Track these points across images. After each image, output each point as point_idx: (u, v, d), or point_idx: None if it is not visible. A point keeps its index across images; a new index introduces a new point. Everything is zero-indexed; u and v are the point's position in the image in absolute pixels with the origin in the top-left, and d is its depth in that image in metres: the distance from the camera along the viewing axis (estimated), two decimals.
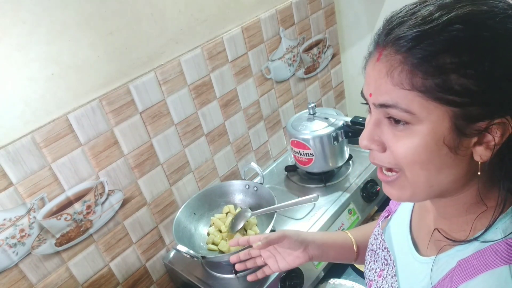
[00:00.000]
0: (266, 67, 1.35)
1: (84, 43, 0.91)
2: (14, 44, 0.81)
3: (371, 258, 0.71)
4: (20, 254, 0.89)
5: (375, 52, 0.48)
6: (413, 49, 0.43)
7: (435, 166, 0.47)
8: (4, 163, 0.83)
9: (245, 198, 1.20)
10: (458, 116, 0.43)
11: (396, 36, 0.44)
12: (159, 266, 1.19)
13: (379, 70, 0.46)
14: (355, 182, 1.24)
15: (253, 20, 1.26)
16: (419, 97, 0.43)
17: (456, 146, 0.45)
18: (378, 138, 0.50)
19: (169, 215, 1.18)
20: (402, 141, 0.47)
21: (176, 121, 1.13)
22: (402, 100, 0.44)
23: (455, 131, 0.44)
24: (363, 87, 0.51)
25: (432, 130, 0.44)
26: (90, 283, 1.03)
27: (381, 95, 0.47)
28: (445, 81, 0.42)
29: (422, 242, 0.61)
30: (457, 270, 0.49)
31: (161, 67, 1.06)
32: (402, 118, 0.46)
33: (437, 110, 0.43)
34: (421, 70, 0.43)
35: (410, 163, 0.47)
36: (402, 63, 0.44)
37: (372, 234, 0.74)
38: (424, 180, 0.48)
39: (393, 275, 0.62)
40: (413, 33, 0.43)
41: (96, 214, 1.00)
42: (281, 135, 1.50)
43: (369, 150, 0.52)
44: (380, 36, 0.47)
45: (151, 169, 1.10)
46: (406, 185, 0.50)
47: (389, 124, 0.48)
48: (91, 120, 0.95)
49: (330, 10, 1.53)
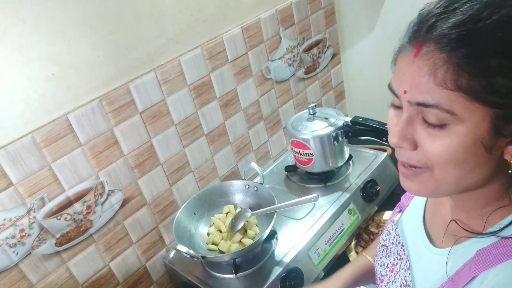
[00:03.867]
0: (266, 67, 1.35)
1: (84, 43, 0.91)
2: (14, 44, 0.81)
3: (383, 254, 0.71)
4: (20, 254, 0.89)
5: (411, 47, 0.46)
6: (459, 49, 0.42)
7: (469, 166, 0.46)
8: (4, 163, 0.83)
9: (245, 198, 1.20)
10: (498, 117, 0.43)
11: (441, 34, 0.43)
12: (159, 266, 1.19)
13: (418, 67, 0.45)
14: (355, 182, 1.24)
15: (253, 20, 1.26)
16: (462, 98, 0.43)
17: (492, 146, 0.45)
18: (410, 136, 0.49)
19: (169, 215, 1.18)
20: (439, 141, 0.46)
21: (176, 121, 1.13)
22: (444, 100, 0.43)
23: (493, 131, 0.44)
24: (392, 81, 0.50)
25: (472, 131, 0.44)
26: (90, 283, 1.03)
27: (420, 94, 0.45)
28: (491, 83, 0.41)
29: (436, 235, 0.61)
30: (475, 259, 0.49)
31: (161, 67, 1.06)
32: (443, 119, 0.45)
33: (479, 111, 0.43)
34: (467, 71, 0.42)
35: (445, 163, 0.47)
36: (447, 62, 0.42)
37: (385, 229, 0.74)
38: (454, 179, 0.48)
39: (407, 269, 0.62)
40: (459, 32, 0.42)
41: (96, 214, 1.00)
42: (281, 135, 1.50)
43: (400, 148, 0.51)
44: (419, 31, 0.45)
45: (151, 169, 1.10)
46: (429, 181, 0.50)
47: (423, 123, 0.47)
48: (91, 120, 0.95)
49: (330, 10, 1.53)
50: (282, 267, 1.01)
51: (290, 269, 1.02)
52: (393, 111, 0.52)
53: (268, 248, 1.08)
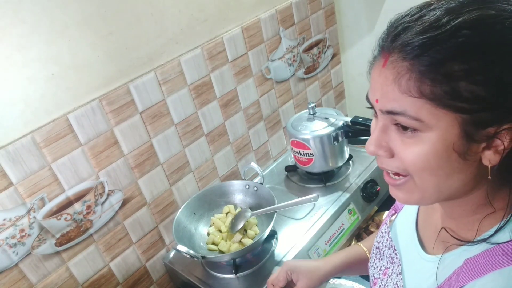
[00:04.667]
0: (266, 67, 1.35)
1: (84, 43, 0.91)
2: (14, 44, 0.81)
3: (376, 256, 0.71)
4: (20, 254, 0.89)
5: (380, 57, 0.47)
6: (421, 56, 0.42)
7: (444, 172, 0.46)
8: (4, 163, 0.83)
9: (245, 198, 1.20)
10: (467, 122, 0.43)
11: (403, 43, 0.44)
12: (159, 266, 1.19)
13: (385, 76, 0.46)
14: (355, 182, 1.24)
15: (253, 20, 1.26)
16: (428, 105, 0.43)
17: (465, 152, 0.45)
18: (385, 144, 0.49)
19: (169, 215, 1.18)
20: (411, 148, 0.46)
21: (176, 121, 1.13)
22: (410, 107, 0.44)
23: (464, 137, 0.44)
24: (368, 91, 0.51)
25: (442, 137, 0.44)
26: (90, 283, 1.03)
27: (388, 102, 0.46)
28: (454, 88, 0.42)
29: (428, 241, 0.61)
30: (463, 268, 0.49)
31: (161, 67, 1.06)
32: (411, 125, 0.45)
33: (446, 117, 0.43)
34: (429, 78, 0.42)
35: (419, 170, 0.47)
36: (410, 70, 0.43)
37: (379, 231, 0.73)
38: (433, 186, 0.48)
39: (398, 273, 0.62)
40: (420, 40, 0.42)
41: (96, 214, 1.00)
42: (281, 135, 1.50)
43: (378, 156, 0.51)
44: (386, 41, 0.47)
45: (151, 169, 1.10)
46: (414, 189, 0.50)
47: (396, 131, 0.48)
48: (91, 120, 0.95)
49: (330, 10, 1.53)
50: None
51: None
52: (374, 120, 0.53)
53: (268, 248, 1.08)
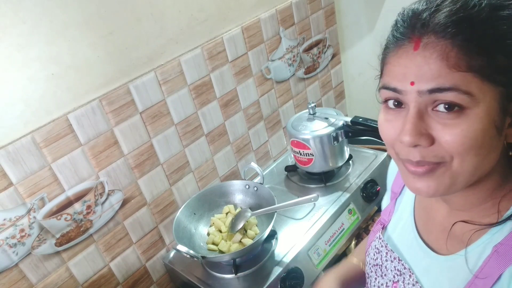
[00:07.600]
0: (266, 67, 1.35)
1: (84, 43, 0.91)
2: (14, 44, 0.81)
3: (377, 274, 0.68)
4: (20, 254, 0.89)
5: (406, 43, 0.46)
6: (462, 33, 0.43)
7: (486, 150, 0.46)
8: (4, 163, 0.83)
9: (245, 198, 1.20)
10: (504, 96, 0.44)
11: (438, 24, 0.44)
12: (159, 266, 1.19)
13: (424, 56, 0.45)
14: (355, 182, 1.24)
15: (253, 20, 1.26)
16: (476, 79, 0.43)
17: (502, 127, 0.46)
18: (424, 131, 0.46)
19: (169, 215, 1.18)
20: (456, 128, 0.45)
21: (176, 121, 1.13)
22: (461, 82, 0.43)
23: (502, 111, 0.45)
24: (386, 80, 0.50)
25: (487, 112, 0.44)
26: (90, 283, 1.03)
27: (432, 80, 0.44)
28: (496, 62, 0.43)
29: (436, 243, 0.59)
30: (494, 256, 0.48)
31: (161, 67, 1.06)
32: (460, 102, 0.44)
33: (490, 91, 0.44)
34: (475, 51, 0.43)
35: (466, 150, 0.45)
36: (455, 46, 0.43)
37: (371, 249, 0.70)
38: (472, 168, 0.47)
39: (415, 283, 0.59)
40: (458, 18, 0.43)
41: (96, 214, 1.00)
42: (281, 135, 1.50)
43: (414, 147, 0.48)
44: (414, 27, 0.46)
45: (151, 169, 1.10)
46: (445, 175, 0.48)
47: (434, 115, 0.46)
48: (91, 120, 0.95)
49: (330, 10, 1.53)
50: (282, 267, 1.01)
51: (290, 269, 1.02)
52: (386, 116, 0.51)
53: (268, 248, 1.08)
